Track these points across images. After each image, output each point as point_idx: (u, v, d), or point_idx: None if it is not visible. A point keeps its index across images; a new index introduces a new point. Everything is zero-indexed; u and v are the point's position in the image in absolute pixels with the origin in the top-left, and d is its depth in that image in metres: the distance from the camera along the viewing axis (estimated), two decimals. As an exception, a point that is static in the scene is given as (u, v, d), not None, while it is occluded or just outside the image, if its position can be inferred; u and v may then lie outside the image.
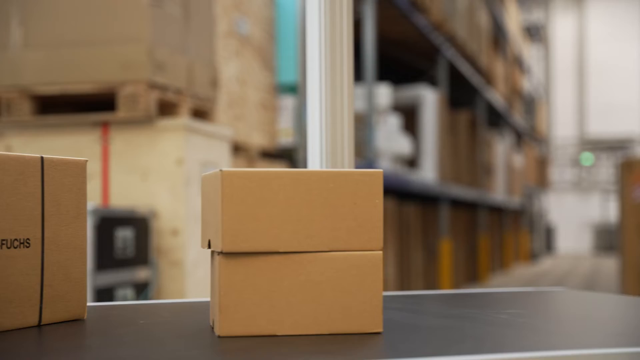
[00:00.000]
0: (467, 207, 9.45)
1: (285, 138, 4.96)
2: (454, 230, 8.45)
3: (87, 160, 1.34)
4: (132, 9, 3.13)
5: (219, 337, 1.15)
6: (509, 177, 11.88)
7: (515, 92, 13.15)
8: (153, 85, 3.11)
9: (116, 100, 3.15)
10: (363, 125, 5.63)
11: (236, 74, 4.34)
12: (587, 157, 22.45)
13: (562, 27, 22.57)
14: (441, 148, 7.32)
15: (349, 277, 1.18)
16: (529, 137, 15.15)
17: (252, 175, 1.15)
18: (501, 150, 11.23)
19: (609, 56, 22.01)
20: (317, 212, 1.17)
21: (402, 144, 6.48)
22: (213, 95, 3.63)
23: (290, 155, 5.01)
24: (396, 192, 6.44)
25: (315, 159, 1.85)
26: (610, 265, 14.69)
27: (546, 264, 15.27)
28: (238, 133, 4.25)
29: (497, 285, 9.64)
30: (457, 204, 8.94)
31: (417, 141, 7.23)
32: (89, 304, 1.53)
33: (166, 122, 3.18)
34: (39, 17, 3.22)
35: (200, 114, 3.55)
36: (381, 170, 1.21)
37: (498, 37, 11.19)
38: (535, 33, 17.75)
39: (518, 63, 13.84)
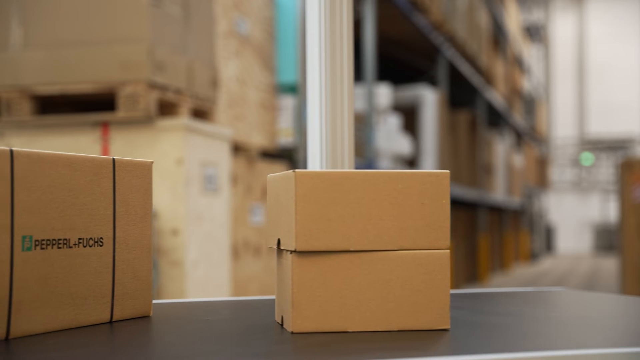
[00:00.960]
0: (467, 207, 9.45)
1: (285, 138, 4.96)
2: (454, 230, 8.45)
3: (152, 162, 1.38)
4: (132, 9, 3.13)
5: (292, 333, 1.18)
6: (509, 177, 11.88)
7: (515, 92, 13.15)
8: (153, 85, 3.11)
9: (116, 100, 3.15)
10: (363, 125, 5.63)
11: (236, 73, 4.34)
12: (587, 157, 22.45)
13: (562, 27, 22.57)
14: (441, 148, 7.32)
15: (417, 275, 1.21)
16: (529, 137, 15.14)
17: (324, 176, 1.19)
18: (501, 150, 11.22)
19: (609, 56, 22.01)
20: (386, 211, 1.20)
21: (402, 144, 6.48)
22: (213, 95, 3.62)
23: (290, 155, 5.00)
24: (396, 192, 6.44)
25: (315, 159, 1.85)
26: (610, 265, 14.69)
27: (546, 264, 15.27)
28: (238, 133, 4.25)
29: (497, 285, 9.64)
30: (457, 204, 8.94)
31: (417, 141, 7.23)
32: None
33: (166, 122, 3.18)
34: (39, 17, 3.22)
35: (200, 114, 3.55)
36: (448, 171, 1.23)
37: (498, 37, 11.19)
38: (535, 33, 17.75)
39: (518, 63, 13.84)
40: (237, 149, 4.31)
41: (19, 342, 1.12)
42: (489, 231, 10.66)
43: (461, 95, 9.33)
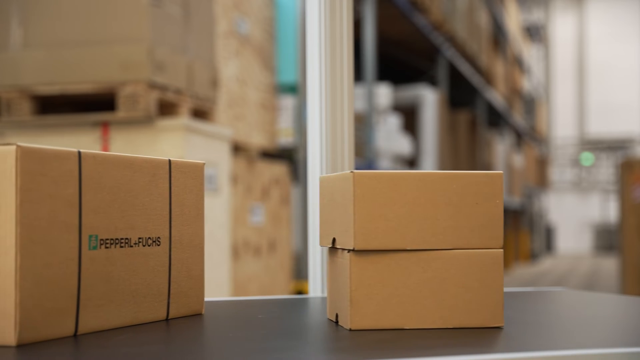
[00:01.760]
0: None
1: (285, 138, 4.96)
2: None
3: (204, 163, 1.43)
4: (132, 9, 3.13)
5: (350, 330, 1.22)
6: (509, 177, 11.89)
7: (515, 92, 13.15)
8: (153, 85, 3.11)
9: (116, 100, 3.15)
10: (363, 125, 5.63)
11: (236, 74, 4.34)
12: (587, 157, 22.45)
13: (562, 27, 22.57)
14: (441, 148, 7.32)
15: (472, 274, 1.24)
16: (529, 137, 15.14)
17: (381, 177, 1.22)
18: (501, 150, 11.23)
19: (609, 56, 22.00)
20: (441, 211, 1.24)
21: (402, 144, 6.48)
22: (213, 95, 3.63)
23: (290, 155, 5.01)
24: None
25: (315, 159, 1.85)
26: (610, 265, 14.69)
27: (546, 263, 15.27)
28: (238, 133, 4.25)
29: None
30: (457, 204, 8.92)
31: (417, 141, 7.23)
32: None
33: (166, 122, 3.18)
34: (39, 17, 3.22)
35: (200, 114, 3.55)
36: (501, 172, 1.27)
37: (498, 37, 11.19)
38: (535, 33, 17.75)
39: (518, 63, 13.84)
40: (237, 149, 4.31)
41: (88, 338, 1.16)
42: (489, 231, 10.67)
43: (461, 95, 9.33)
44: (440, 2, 7.00)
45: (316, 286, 1.82)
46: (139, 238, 1.28)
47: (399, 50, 7.51)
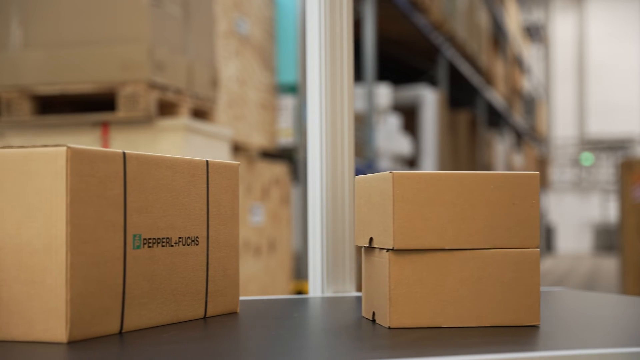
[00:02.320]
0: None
1: (285, 138, 4.96)
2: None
3: (239, 164, 1.46)
4: (132, 9, 3.13)
5: (389, 328, 1.25)
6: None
7: (515, 92, 13.15)
8: (153, 85, 3.11)
9: (116, 100, 3.15)
10: (363, 125, 5.63)
11: (236, 74, 4.34)
12: (587, 157, 22.45)
13: (562, 27, 22.57)
14: (441, 148, 7.31)
15: (509, 273, 1.27)
16: (529, 137, 15.14)
17: (420, 177, 1.25)
18: (501, 150, 11.23)
19: (609, 56, 22.00)
20: (478, 211, 1.26)
21: (402, 144, 6.48)
22: (213, 95, 3.63)
23: (290, 155, 5.00)
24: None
25: (315, 159, 1.85)
26: (610, 265, 14.69)
27: (546, 263, 15.27)
28: (238, 133, 4.25)
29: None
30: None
31: (417, 141, 7.23)
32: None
33: (166, 122, 3.18)
34: (39, 17, 3.22)
35: (200, 114, 3.55)
36: (537, 172, 1.30)
37: (498, 37, 11.19)
38: (535, 33, 17.75)
39: (518, 63, 13.84)
40: (237, 149, 4.31)
41: (133, 335, 1.19)
42: (489, 231, 10.67)
43: (461, 95, 9.32)
44: (440, 2, 7.00)
45: (316, 286, 1.82)
46: (179, 237, 1.31)
47: (399, 50, 7.51)
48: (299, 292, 4.88)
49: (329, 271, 1.82)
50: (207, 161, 1.37)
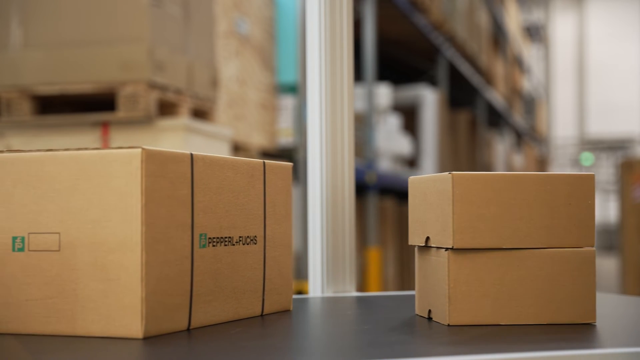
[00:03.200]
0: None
1: (285, 138, 4.96)
2: (454, 230, 8.43)
3: (292, 165, 1.50)
4: (132, 9, 3.13)
5: (448, 325, 1.28)
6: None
7: (515, 92, 13.15)
8: (153, 85, 3.11)
9: (116, 100, 3.15)
10: (363, 125, 5.63)
11: (236, 74, 4.33)
12: (587, 157, 22.45)
13: (562, 27, 22.56)
14: (441, 148, 7.31)
15: (565, 272, 1.30)
16: (529, 137, 15.14)
17: (478, 178, 1.29)
18: (501, 150, 11.22)
19: (609, 56, 22.00)
20: (535, 211, 1.30)
21: (402, 144, 6.48)
22: (213, 95, 3.63)
23: (290, 155, 5.00)
24: (396, 192, 6.44)
25: (315, 159, 1.85)
26: (610, 265, 14.69)
27: (546, 264, 15.24)
28: (238, 133, 4.25)
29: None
30: (457, 204, 8.92)
31: (417, 141, 7.23)
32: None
33: (166, 122, 3.18)
34: (39, 17, 3.22)
35: (200, 114, 3.55)
36: (593, 173, 1.34)
37: (498, 37, 11.19)
38: (535, 33, 17.74)
39: (518, 63, 13.84)
40: (237, 149, 4.30)
41: (201, 332, 1.23)
42: (489, 231, 10.67)
43: (461, 95, 9.32)
44: (440, 2, 7.00)
45: (316, 286, 1.82)
46: (240, 237, 1.35)
47: (399, 50, 7.51)
48: (299, 292, 4.88)
49: (329, 271, 1.82)
50: (264, 162, 1.41)
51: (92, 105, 3.38)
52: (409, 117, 7.28)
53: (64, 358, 1.07)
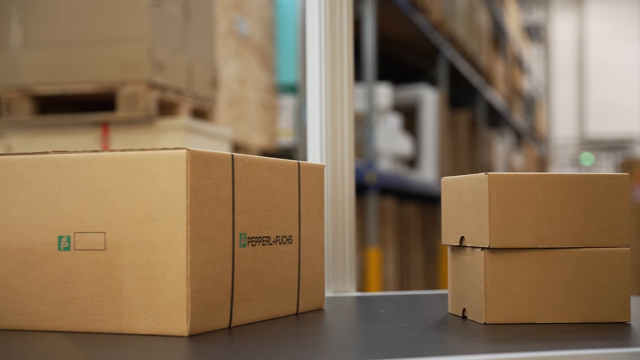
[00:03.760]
0: (467, 207, 9.43)
1: (285, 138, 4.96)
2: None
3: (324, 165, 1.55)
4: (132, 9, 3.13)
5: (484, 324, 1.30)
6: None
7: (515, 92, 13.15)
8: (153, 85, 3.11)
9: (116, 100, 3.15)
10: (363, 125, 5.63)
11: (236, 74, 4.33)
12: (587, 157, 22.45)
13: (562, 27, 22.56)
14: (441, 148, 7.31)
15: (600, 271, 1.32)
16: (529, 137, 15.14)
17: (514, 178, 1.31)
18: (501, 150, 11.22)
19: (609, 56, 21.99)
20: (570, 211, 1.32)
21: (402, 144, 6.48)
22: (213, 95, 3.63)
23: (290, 155, 5.00)
24: (396, 192, 6.44)
25: (315, 159, 1.85)
26: (610, 265, 14.68)
27: (546, 264, 15.25)
28: (238, 133, 4.25)
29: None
30: (457, 204, 8.92)
31: (417, 141, 7.23)
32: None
33: (166, 122, 3.18)
34: (39, 17, 3.22)
35: (200, 114, 3.55)
36: (627, 174, 1.35)
37: (498, 37, 11.19)
38: (535, 33, 17.74)
39: (518, 63, 13.84)
40: (237, 149, 4.31)
41: (243, 329, 1.25)
42: (489, 231, 10.67)
43: (461, 95, 9.32)
44: (440, 2, 7.00)
45: (316, 286, 1.82)
46: (277, 236, 1.37)
47: (399, 50, 7.51)
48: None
49: (329, 271, 1.82)
50: (298, 162, 1.43)
51: (92, 105, 3.38)
52: (409, 117, 7.28)
53: (116, 355, 1.09)
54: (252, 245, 1.31)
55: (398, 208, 6.46)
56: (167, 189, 1.19)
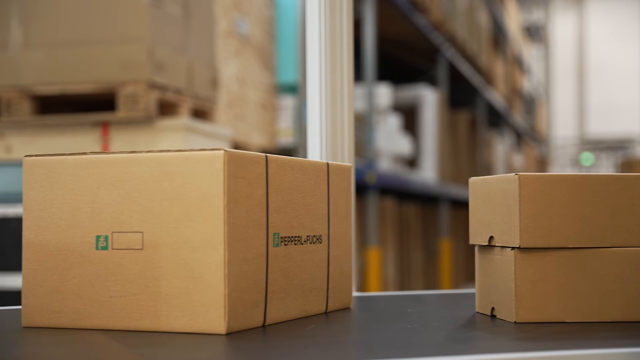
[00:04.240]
0: (467, 207, 9.44)
1: (285, 138, 4.96)
2: (454, 230, 8.45)
3: (351, 166, 1.57)
4: (132, 9, 3.13)
5: (515, 322, 1.31)
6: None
7: (515, 92, 13.15)
8: (153, 85, 3.11)
9: (116, 100, 3.15)
10: (363, 125, 5.63)
11: (236, 74, 4.33)
12: (587, 157, 22.45)
13: (562, 27, 22.56)
14: (441, 148, 7.32)
15: (629, 271, 1.34)
16: (529, 137, 15.14)
17: (544, 179, 1.33)
18: (501, 150, 11.22)
19: (609, 56, 21.99)
20: (600, 211, 1.33)
21: (402, 144, 6.48)
22: (213, 95, 3.63)
23: (290, 155, 5.00)
24: (396, 192, 6.44)
25: (315, 159, 1.84)
26: (610, 265, 14.68)
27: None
28: (238, 133, 4.25)
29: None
30: (457, 204, 8.94)
31: (417, 141, 7.23)
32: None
33: (166, 122, 3.18)
34: (39, 17, 3.22)
35: (200, 114, 3.55)
36: None
37: (498, 37, 11.19)
38: (535, 33, 17.74)
39: (518, 63, 13.84)
40: (237, 149, 4.30)
41: (278, 327, 1.27)
42: (489, 231, 10.66)
43: (461, 95, 9.32)
44: (440, 2, 7.00)
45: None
46: (307, 236, 1.39)
47: (399, 50, 7.51)
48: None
49: (329, 271, 1.82)
50: (327, 163, 1.46)
51: (92, 105, 3.38)
52: (409, 117, 7.28)
53: (161, 352, 1.10)
54: (285, 244, 1.33)
55: (398, 208, 6.46)
56: (204, 189, 1.21)
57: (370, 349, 1.10)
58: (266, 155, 1.29)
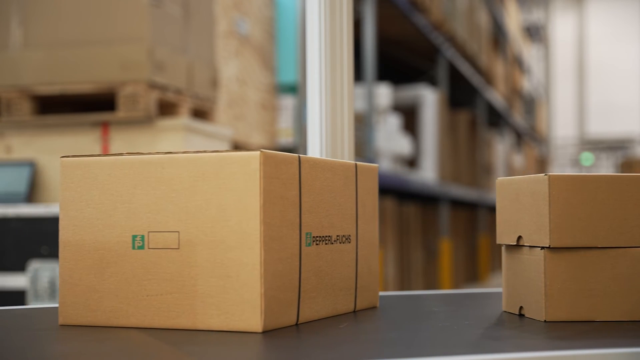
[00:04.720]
0: (467, 207, 9.45)
1: (285, 138, 4.96)
2: (454, 230, 8.45)
3: (378, 166, 1.58)
4: (132, 9, 3.13)
5: (545, 321, 1.32)
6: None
7: (515, 92, 13.16)
8: (153, 85, 3.11)
9: (116, 100, 3.16)
10: (363, 125, 5.63)
11: (236, 74, 4.34)
12: (587, 157, 22.45)
13: (562, 27, 22.56)
14: (441, 148, 7.32)
15: None
16: (529, 137, 15.15)
17: (573, 179, 1.34)
18: (501, 150, 11.22)
19: (609, 56, 22.00)
20: (629, 211, 1.34)
21: (402, 144, 6.49)
22: (213, 95, 3.63)
23: (290, 155, 5.01)
24: (396, 192, 6.44)
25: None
26: (610, 265, 14.67)
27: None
28: (238, 133, 4.25)
29: (497, 285, 9.64)
30: (457, 204, 8.94)
31: (417, 141, 7.23)
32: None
33: (166, 122, 3.18)
34: (39, 17, 3.22)
35: (200, 113, 3.55)
36: None
37: (498, 37, 11.19)
38: (535, 33, 17.74)
39: (518, 63, 13.84)
40: (237, 149, 4.30)
41: (312, 326, 1.29)
42: (489, 231, 10.67)
43: (461, 95, 9.32)
44: (440, 2, 7.00)
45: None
46: (337, 235, 1.41)
47: (399, 50, 7.52)
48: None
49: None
50: (355, 164, 1.48)
51: (92, 105, 3.38)
52: (409, 117, 7.28)
53: (202, 349, 1.11)
54: (316, 244, 1.35)
55: (398, 208, 6.46)
56: (240, 189, 1.23)
57: (408, 346, 1.10)
58: (299, 156, 1.31)
